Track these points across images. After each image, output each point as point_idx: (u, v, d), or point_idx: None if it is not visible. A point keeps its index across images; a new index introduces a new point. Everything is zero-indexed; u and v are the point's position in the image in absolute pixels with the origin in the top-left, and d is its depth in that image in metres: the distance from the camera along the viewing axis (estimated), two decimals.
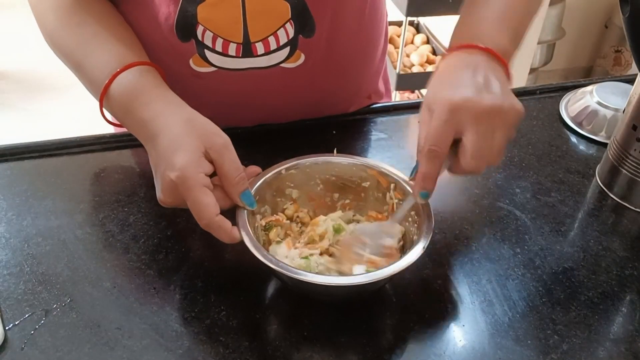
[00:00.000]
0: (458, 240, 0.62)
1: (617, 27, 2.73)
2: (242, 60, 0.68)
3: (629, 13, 0.60)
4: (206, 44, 0.66)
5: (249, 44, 0.66)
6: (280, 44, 0.67)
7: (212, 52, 0.67)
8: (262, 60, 0.68)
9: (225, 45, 0.66)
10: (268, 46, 0.67)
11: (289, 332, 0.53)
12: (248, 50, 0.67)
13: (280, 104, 0.76)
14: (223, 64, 0.68)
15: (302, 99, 0.77)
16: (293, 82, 0.73)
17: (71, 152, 0.73)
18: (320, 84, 0.76)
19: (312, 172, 0.60)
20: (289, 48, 0.68)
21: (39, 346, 0.50)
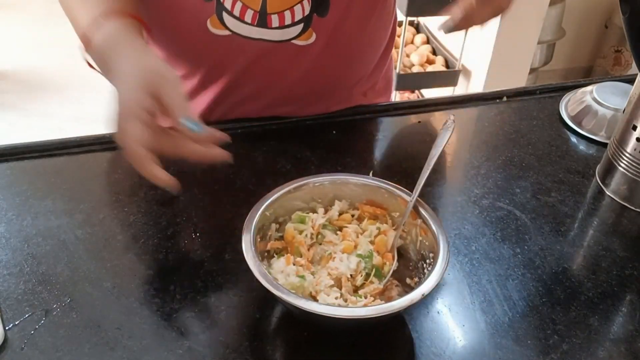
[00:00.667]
0: (458, 240, 0.62)
1: (617, 27, 2.73)
2: (256, 30, 0.70)
3: (629, 13, 0.60)
4: (225, 6, 0.68)
5: (265, 15, 0.68)
6: (295, 20, 0.69)
7: (229, 15, 0.69)
8: (275, 33, 0.70)
9: (243, 11, 0.68)
10: (283, 20, 0.69)
11: (289, 332, 0.53)
12: (263, 21, 0.69)
13: (284, 82, 0.77)
14: (238, 29, 0.70)
15: (306, 80, 0.78)
16: (301, 61, 0.74)
17: (71, 152, 0.73)
18: (325, 67, 0.77)
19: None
20: (302, 25, 0.70)
21: (39, 346, 0.50)
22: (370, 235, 0.57)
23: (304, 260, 0.54)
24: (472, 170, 0.73)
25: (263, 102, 0.79)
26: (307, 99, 0.80)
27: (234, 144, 0.75)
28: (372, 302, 0.51)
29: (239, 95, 0.78)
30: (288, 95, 0.79)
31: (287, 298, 0.46)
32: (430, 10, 2.12)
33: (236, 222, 0.62)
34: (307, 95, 0.80)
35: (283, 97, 0.79)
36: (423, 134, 0.82)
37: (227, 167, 0.71)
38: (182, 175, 0.69)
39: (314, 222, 0.57)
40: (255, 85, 0.77)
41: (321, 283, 0.52)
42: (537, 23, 2.12)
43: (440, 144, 0.58)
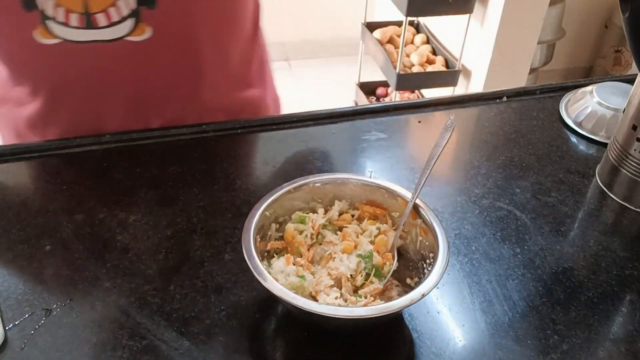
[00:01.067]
0: (458, 240, 0.62)
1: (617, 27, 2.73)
2: (86, 32, 0.66)
3: (629, 13, 0.60)
4: (48, 14, 0.65)
5: (89, 15, 0.65)
6: (123, 15, 0.66)
7: (54, 22, 0.65)
8: (105, 32, 0.67)
9: (66, 15, 0.65)
10: (109, 17, 0.66)
11: (289, 332, 0.53)
12: (90, 22, 0.66)
13: (134, 84, 0.74)
14: (67, 35, 0.67)
15: (153, 78, 0.74)
16: (141, 58, 0.71)
17: (71, 152, 0.73)
18: (172, 61, 0.73)
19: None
20: (133, 20, 0.67)
21: (39, 346, 0.50)
22: (370, 235, 0.57)
23: (304, 260, 0.54)
24: (472, 170, 0.73)
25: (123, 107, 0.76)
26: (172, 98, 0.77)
27: (234, 144, 0.76)
28: (372, 302, 0.51)
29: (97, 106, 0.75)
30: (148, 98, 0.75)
31: (287, 298, 0.46)
32: (430, 10, 2.13)
33: (236, 222, 0.63)
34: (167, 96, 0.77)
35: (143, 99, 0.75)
36: (423, 134, 0.82)
37: (227, 167, 0.71)
38: (182, 175, 0.70)
39: (314, 222, 0.57)
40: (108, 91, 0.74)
41: (321, 283, 0.52)
42: (537, 23, 2.13)
43: (440, 144, 0.58)
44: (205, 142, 0.75)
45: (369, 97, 2.60)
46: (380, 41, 2.40)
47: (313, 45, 3.23)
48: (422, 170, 0.56)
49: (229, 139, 0.76)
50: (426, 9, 2.12)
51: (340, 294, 0.51)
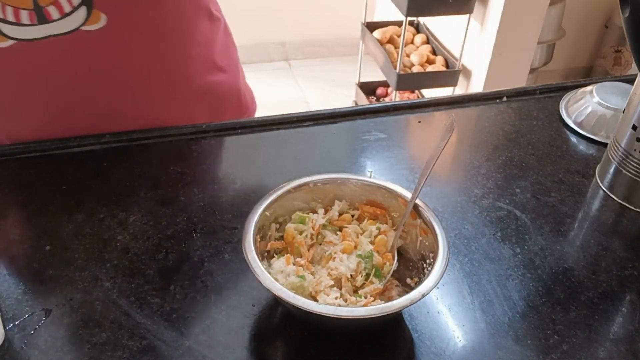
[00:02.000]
0: (458, 240, 0.62)
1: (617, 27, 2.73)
2: (39, 28, 0.64)
3: (628, 13, 0.60)
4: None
5: (40, 9, 0.63)
6: (74, 5, 0.64)
7: (5, 23, 0.63)
8: (59, 25, 0.65)
9: (16, 14, 0.63)
10: (61, 8, 0.64)
11: (289, 332, 0.53)
12: (42, 16, 0.64)
13: (98, 75, 0.71)
14: (20, 34, 0.64)
15: (117, 66, 0.72)
16: (99, 48, 0.68)
17: (71, 152, 0.73)
18: (131, 49, 0.71)
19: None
20: (85, 8, 0.65)
21: (39, 346, 0.50)
22: (370, 235, 0.57)
23: (304, 260, 0.54)
24: (472, 170, 0.73)
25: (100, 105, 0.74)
26: (136, 90, 0.74)
27: (234, 144, 0.76)
28: (372, 302, 0.51)
29: (66, 101, 0.72)
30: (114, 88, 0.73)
31: (287, 298, 0.46)
32: (430, 10, 2.13)
33: (236, 222, 0.63)
34: (132, 86, 0.74)
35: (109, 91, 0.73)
36: (423, 134, 0.82)
37: (227, 167, 0.71)
38: (182, 175, 0.70)
39: (314, 222, 0.57)
40: (73, 85, 0.71)
41: (321, 283, 0.52)
42: (537, 23, 2.12)
43: (440, 144, 0.58)
44: (205, 142, 0.75)
45: (369, 97, 2.60)
46: (380, 41, 2.40)
47: (313, 45, 3.23)
48: (422, 170, 0.56)
49: (229, 139, 0.76)
50: (426, 9, 2.12)
51: (340, 294, 0.51)
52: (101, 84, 0.72)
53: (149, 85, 0.75)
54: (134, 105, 0.76)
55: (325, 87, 3.00)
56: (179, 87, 0.78)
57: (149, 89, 0.76)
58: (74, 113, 0.74)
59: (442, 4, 2.06)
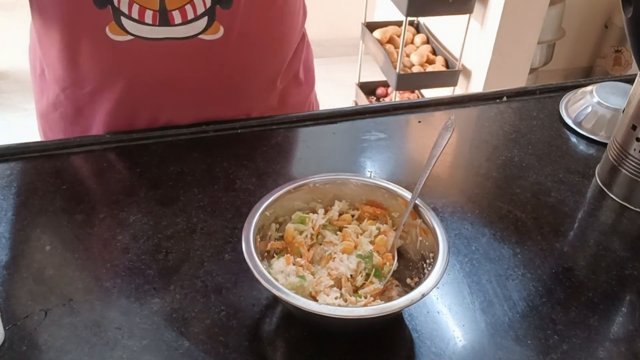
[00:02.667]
0: (458, 240, 0.62)
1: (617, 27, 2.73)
2: (159, 29, 0.67)
3: (631, 14, 0.60)
4: (122, 11, 0.66)
5: (166, 12, 0.66)
6: (198, 14, 0.67)
7: (128, 19, 0.66)
8: (179, 30, 0.68)
9: (141, 12, 0.66)
10: (185, 15, 0.67)
11: (289, 332, 0.53)
12: (165, 19, 0.67)
13: (200, 80, 0.75)
14: (139, 32, 0.67)
15: (222, 76, 0.75)
16: (212, 56, 0.72)
17: (71, 152, 0.73)
18: (240, 60, 0.75)
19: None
20: (206, 18, 0.68)
21: (39, 346, 0.50)
22: (370, 235, 0.57)
23: (304, 260, 0.54)
24: (472, 170, 0.73)
25: (187, 105, 0.77)
26: (228, 97, 0.78)
27: (234, 144, 0.76)
28: (372, 302, 0.51)
29: (159, 99, 0.75)
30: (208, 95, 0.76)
31: (287, 298, 0.46)
32: (430, 10, 2.13)
33: (236, 222, 0.63)
34: (227, 92, 0.78)
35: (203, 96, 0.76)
36: (423, 134, 0.82)
37: (227, 167, 0.71)
38: (182, 175, 0.70)
39: (314, 222, 0.57)
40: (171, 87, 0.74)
41: (321, 283, 0.52)
42: (537, 23, 2.12)
43: (440, 144, 0.58)
44: (205, 142, 0.75)
45: (369, 97, 2.60)
46: (380, 41, 2.40)
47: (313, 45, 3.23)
48: (422, 170, 0.56)
49: (229, 139, 0.76)
50: (426, 9, 2.12)
51: (340, 294, 0.51)
52: (199, 89, 0.75)
53: (238, 96, 0.79)
54: (219, 111, 0.79)
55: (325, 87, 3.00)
56: (266, 98, 0.82)
57: (237, 100, 0.79)
58: (161, 112, 0.77)
59: (442, 4, 2.06)
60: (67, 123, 0.79)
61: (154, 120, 0.77)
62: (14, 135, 0.84)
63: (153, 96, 0.74)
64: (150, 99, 0.75)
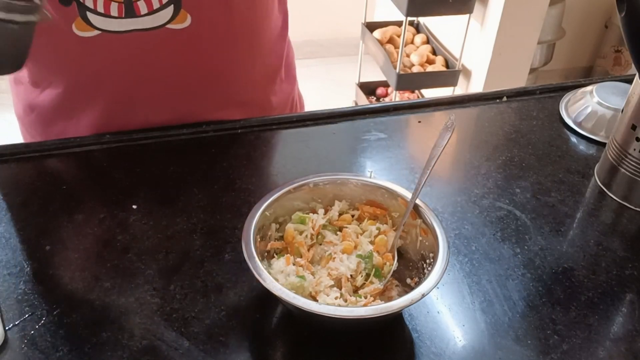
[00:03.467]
0: (458, 240, 0.62)
1: (617, 27, 2.73)
2: (126, 21, 0.66)
3: (625, 12, 0.60)
4: (87, 5, 0.65)
5: (131, 3, 0.65)
6: (163, 2, 0.66)
7: (94, 13, 0.65)
8: (146, 20, 0.67)
9: (106, 5, 0.65)
10: (151, 5, 0.66)
11: (289, 332, 0.53)
12: (131, 10, 0.66)
13: (172, 72, 0.73)
14: (106, 25, 0.66)
15: (193, 67, 0.74)
16: (182, 46, 0.71)
17: (71, 152, 0.73)
18: (210, 50, 0.73)
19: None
20: (172, 7, 0.67)
21: (39, 346, 0.50)
22: (370, 235, 0.57)
23: (304, 260, 0.54)
24: (472, 170, 0.73)
25: (163, 99, 0.76)
26: (203, 90, 0.77)
27: (234, 144, 0.76)
28: (372, 302, 0.51)
29: (133, 94, 0.74)
30: (182, 88, 0.75)
31: (287, 298, 0.46)
32: (430, 10, 2.13)
33: (236, 222, 0.63)
34: (201, 85, 0.76)
35: (178, 90, 0.75)
36: (423, 134, 0.82)
37: (227, 167, 0.71)
38: (182, 175, 0.70)
39: (314, 222, 0.57)
40: (144, 80, 0.73)
41: (321, 283, 0.52)
42: (537, 23, 2.12)
43: (440, 144, 0.58)
44: (205, 142, 0.75)
45: (369, 97, 2.60)
46: (380, 41, 2.40)
47: (313, 45, 3.23)
48: (422, 170, 0.56)
49: (229, 139, 0.76)
50: (426, 9, 2.12)
51: (340, 294, 0.51)
52: (171, 82, 0.74)
53: (214, 89, 0.78)
54: (195, 106, 0.78)
55: (325, 87, 3.01)
56: (242, 93, 0.80)
57: (213, 92, 0.78)
58: (136, 108, 0.76)
59: (442, 4, 2.06)
60: (44, 125, 0.79)
61: (132, 116, 0.76)
62: (14, 136, 0.84)
63: (127, 91, 0.74)
64: (124, 94, 0.74)
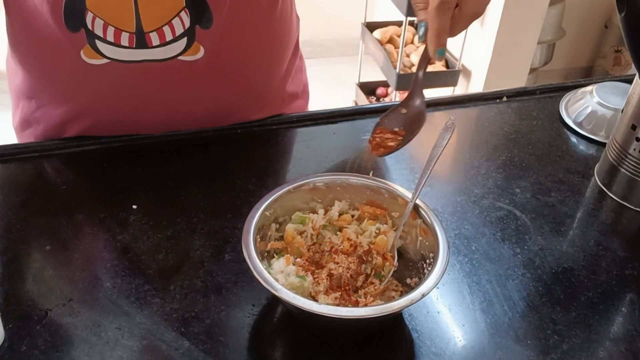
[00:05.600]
0: (458, 240, 0.62)
1: (617, 27, 2.73)
2: (137, 52, 0.65)
3: (625, 12, 0.60)
4: (97, 34, 0.63)
5: (143, 34, 0.64)
6: (176, 35, 0.65)
7: (103, 42, 0.64)
8: (158, 52, 0.66)
9: (117, 35, 0.64)
10: (163, 37, 0.64)
11: (289, 332, 0.53)
12: (142, 41, 0.64)
13: (182, 103, 0.73)
14: (116, 55, 0.65)
15: (204, 97, 0.73)
16: (193, 77, 0.70)
17: (71, 152, 0.73)
18: (222, 81, 0.72)
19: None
20: (186, 39, 0.66)
21: (39, 346, 0.50)
22: (370, 235, 0.57)
23: (304, 260, 0.54)
24: (472, 170, 0.73)
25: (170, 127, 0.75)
26: (213, 118, 0.76)
27: (234, 144, 0.76)
28: (372, 302, 0.51)
29: (138, 121, 0.74)
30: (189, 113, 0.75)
31: (287, 298, 0.46)
32: None
33: (236, 222, 0.63)
34: (211, 110, 0.75)
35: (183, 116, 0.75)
36: (423, 134, 0.81)
37: (227, 167, 0.71)
38: (182, 175, 0.70)
39: (314, 222, 0.57)
40: (151, 108, 0.72)
41: (321, 283, 0.52)
42: (537, 23, 2.12)
43: (440, 144, 0.58)
44: (205, 142, 0.75)
45: (369, 97, 2.60)
46: (380, 41, 2.40)
47: (313, 45, 3.23)
48: (422, 170, 0.56)
49: (229, 139, 0.76)
50: None
51: (340, 294, 0.51)
52: (180, 113, 0.74)
53: (224, 117, 0.77)
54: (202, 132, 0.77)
55: (325, 87, 3.01)
56: (252, 117, 0.79)
57: (223, 120, 0.77)
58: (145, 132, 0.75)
59: None
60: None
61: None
62: (14, 135, 0.84)
63: (132, 118, 0.73)
64: (129, 122, 0.73)
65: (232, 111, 0.77)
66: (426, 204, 0.55)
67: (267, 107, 0.80)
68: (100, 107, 0.72)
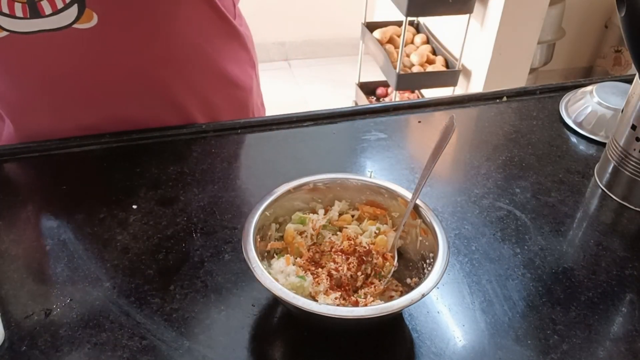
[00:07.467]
0: (458, 240, 0.62)
1: (617, 27, 2.73)
2: (32, 22, 0.64)
3: (625, 12, 0.60)
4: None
5: (34, 3, 0.63)
6: (67, 2, 0.64)
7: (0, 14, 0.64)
8: (52, 20, 0.65)
9: (10, 6, 0.63)
10: (54, 4, 0.64)
11: (289, 332, 0.53)
12: (35, 10, 0.64)
13: (87, 74, 0.70)
14: (13, 26, 0.64)
15: (108, 67, 0.71)
16: (91, 47, 0.68)
17: (71, 152, 0.73)
18: (123, 50, 0.70)
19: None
20: (76, 6, 0.64)
21: (39, 346, 0.50)
22: (370, 235, 0.57)
23: (304, 260, 0.54)
24: (472, 170, 0.73)
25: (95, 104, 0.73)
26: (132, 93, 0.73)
27: (234, 144, 0.76)
28: (372, 302, 0.51)
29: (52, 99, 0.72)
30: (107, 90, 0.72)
31: (287, 298, 0.46)
32: (430, 10, 2.13)
33: (236, 222, 0.63)
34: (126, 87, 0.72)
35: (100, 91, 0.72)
36: (423, 134, 0.82)
37: (227, 167, 0.71)
38: (182, 175, 0.70)
39: (314, 223, 0.57)
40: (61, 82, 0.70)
41: (321, 283, 0.52)
42: (537, 23, 2.12)
43: (440, 144, 0.58)
44: (205, 142, 0.75)
45: (369, 97, 2.60)
46: (380, 41, 2.40)
47: (313, 45, 3.23)
48: (422, 170, 0.56)
49: (229, 139, 0.76)
50: (426, 9, 2.12)
51: (340, 294, 0.51)
52: (94, 84, 0.72)
53: (143, 89, 0.74)
54: (131, 108, 0.75)
55: (325, 87, 3.01)
56: (177, 93, 0.77)
57: (143, 92, 0.75)
58: (73, 111, 0.74)
59: (442, 4, 2.06)
60: None
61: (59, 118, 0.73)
62: None
63: (44, 93, 0.71)
64: (43, 97, 0.71)
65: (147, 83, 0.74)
66: (426, 204, 0.56)
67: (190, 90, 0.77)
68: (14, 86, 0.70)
